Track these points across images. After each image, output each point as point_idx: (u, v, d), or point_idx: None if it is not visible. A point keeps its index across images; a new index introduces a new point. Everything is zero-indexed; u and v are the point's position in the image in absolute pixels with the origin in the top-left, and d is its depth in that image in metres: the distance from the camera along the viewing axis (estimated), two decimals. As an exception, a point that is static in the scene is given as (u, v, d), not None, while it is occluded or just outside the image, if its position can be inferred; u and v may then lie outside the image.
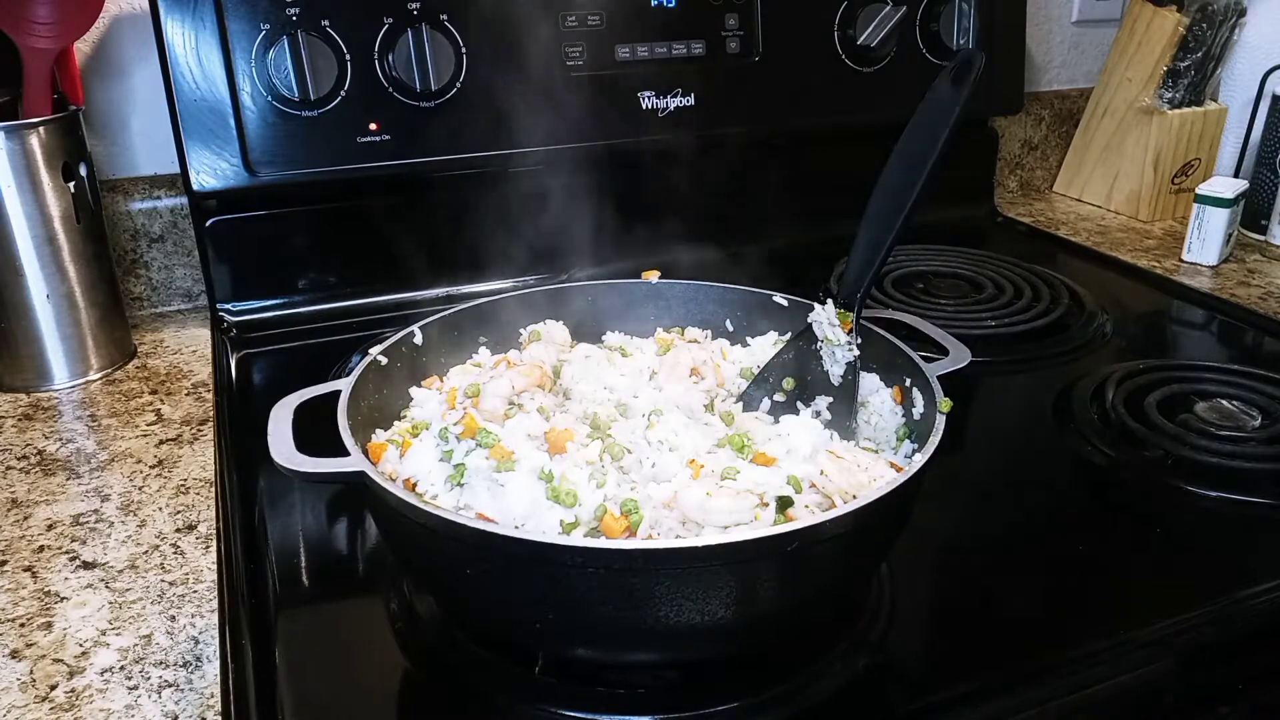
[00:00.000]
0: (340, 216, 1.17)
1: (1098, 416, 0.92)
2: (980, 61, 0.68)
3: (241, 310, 1.15)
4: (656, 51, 1.18)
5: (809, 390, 0.77)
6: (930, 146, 0.68)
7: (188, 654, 0.66)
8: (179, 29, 1.03)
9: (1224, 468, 0.83)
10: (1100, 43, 1.62)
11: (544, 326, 0.86)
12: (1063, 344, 1.09)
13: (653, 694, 0.62)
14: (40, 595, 0.71)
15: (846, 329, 0.75)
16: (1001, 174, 1.63)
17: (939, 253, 1.29)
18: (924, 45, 1.33)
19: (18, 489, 0.84)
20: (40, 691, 0.63)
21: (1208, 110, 1.48)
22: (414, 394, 0.77)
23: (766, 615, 0.59)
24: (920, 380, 0.72)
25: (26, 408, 0.98)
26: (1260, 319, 1.16)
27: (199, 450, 0.90)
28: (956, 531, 0.79)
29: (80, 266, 1.02)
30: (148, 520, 0.80)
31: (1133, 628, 0.67)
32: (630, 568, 0.54)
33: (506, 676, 0.63)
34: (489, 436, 0.65)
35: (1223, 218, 1.29)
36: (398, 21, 1.08)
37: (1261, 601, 0.69)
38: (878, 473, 0.64)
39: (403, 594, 0.70)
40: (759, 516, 0.60)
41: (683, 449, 0.67)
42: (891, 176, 0.71)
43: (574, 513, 0.60)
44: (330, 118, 1.08)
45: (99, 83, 1.16)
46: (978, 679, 0.63)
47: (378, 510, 0.64)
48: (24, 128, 0.97)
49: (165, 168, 1.19)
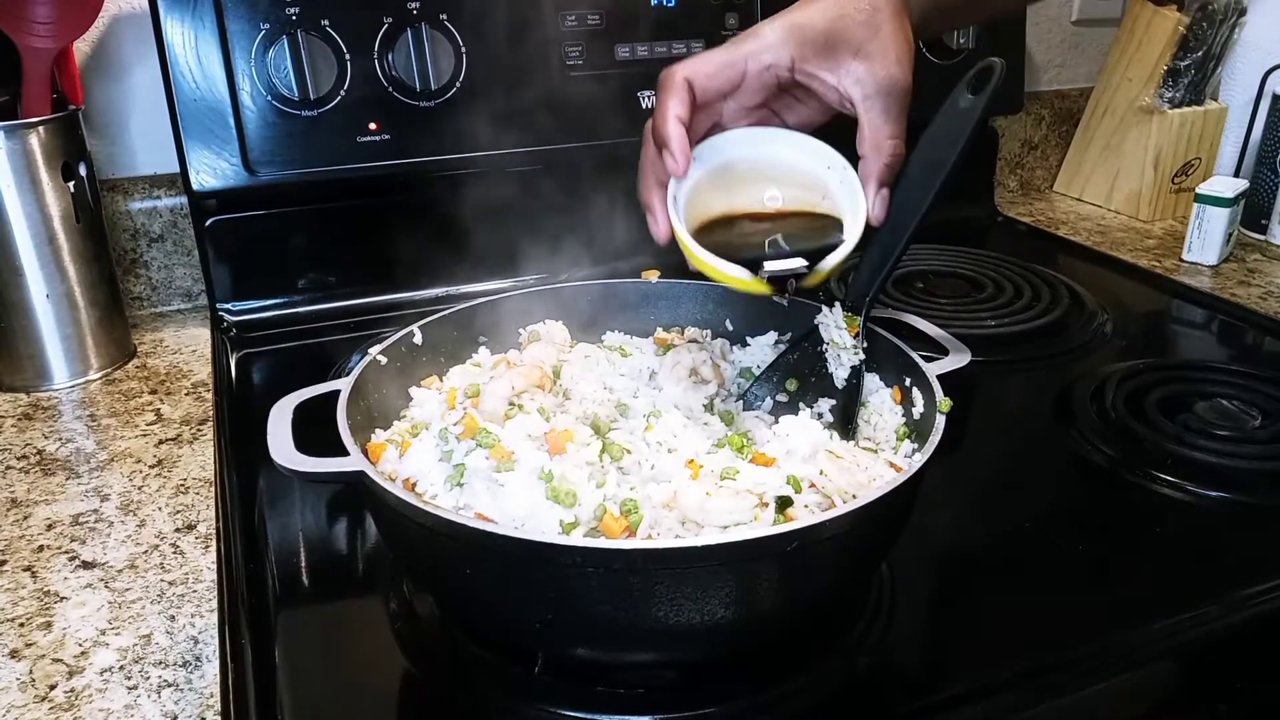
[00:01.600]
0: (340, 216, 1.17)
1: (1098, 416, 0.91)
2: (1001, 70, 0.69)
3: (241, 310, 1.15)
4: (656, 51, 1.18)
5: (812, 392, 0.77)
6: (948, 154, 0.68)
7: (187, 654, 0.66)
8: (179, 29, 1.03)
9: (1224, 468, 0.83)
10: (1100, 42, 1.62)
11: (544, 326, 0.86)
12: (1063, 344, 1.09)
13: (653, 694, 0.61)
14: (40, 595, 0.71)
15: (853, 333, 0.75)
16: (1001, 173, 1.63)
17: (939, 252, 1.29)
18: (924, 45, 1.32)
19: (17, 489, 0.84)
20: (40, 691, 0.63)
21: (1208, 110, 1.48)
22: (414, 394, 0.77)
23: (766, 615, 0.59)
24: (920, 380, 0.72)
25: (26, 407, 0.98)
26: (1260, 319, 1.16)
27: (199, 450, 0.90)
28: (956, 531, 0.79)
29: (80, 266, 1.02)
30: (147, 520, 0.80)
31: (1132, 628, 0.67)
32: (630, 568, 0.54)
33: (506, 676, 0.63)
34: (489, 436, 0.65)
35: (1223, 217, 1.29)
36: (398, 21, 1.08)
37: (1261, 601, 0.69)
38: (878, 473, 0.64)
39: (403, 594, 0.70)
40: (759, 516, 0.60)
41: (682, 449, 0.67)
42: (906, 183, 0.71)
43: (574, 513, 0.60)
44: (330, 117, 1.08)
45: (99, 82, 1.16)
46: (978, 679, 0.63)
47: (377, 510, 0.64)
48: (23, 127, 0.97)
49: (165, 167, 1.19)
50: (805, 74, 0.69)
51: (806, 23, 0.68)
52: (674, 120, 0.67)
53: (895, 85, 0.68)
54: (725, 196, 0.72)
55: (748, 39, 0.69)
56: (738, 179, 0.72)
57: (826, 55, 0.68)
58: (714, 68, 0.69)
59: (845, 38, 0.68)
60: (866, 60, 0.68)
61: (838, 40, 0.68)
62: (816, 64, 0.68)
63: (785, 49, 0.68)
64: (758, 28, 0.70)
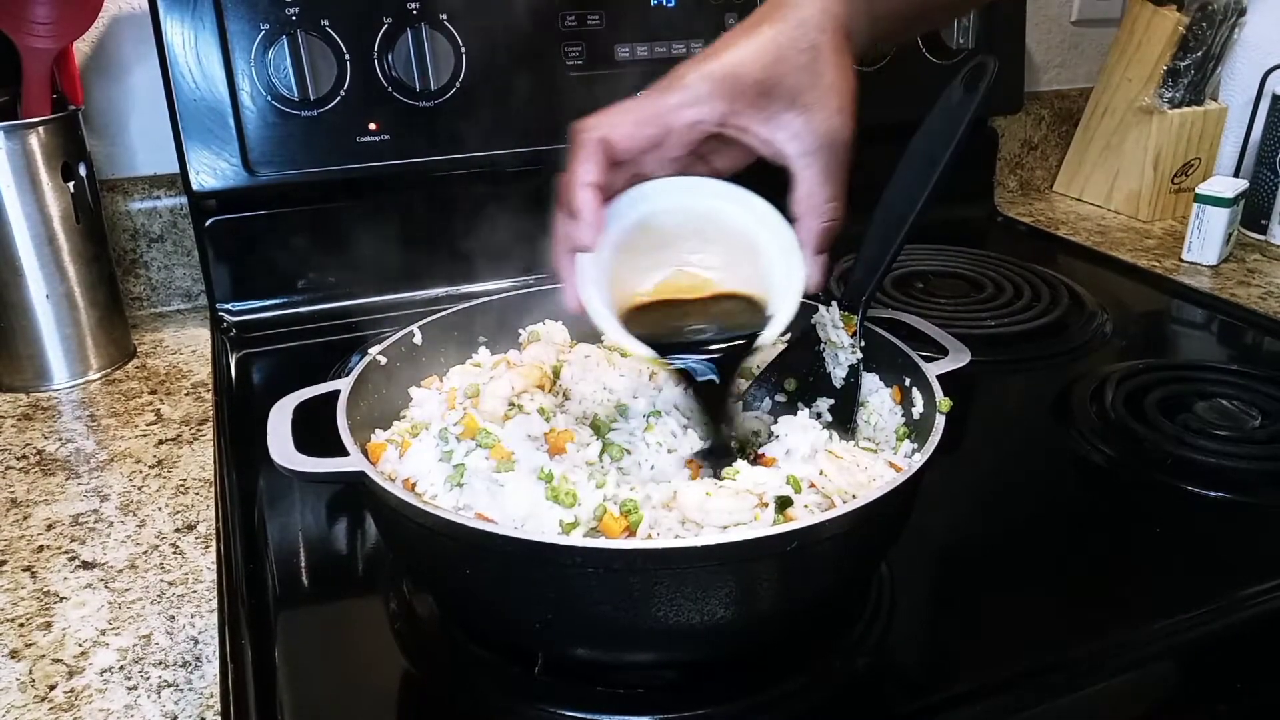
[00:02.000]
0: (340, 216, 1.17)
1: (1097, 416, 0.91)
2: (994, 67, 0.68)
3: (241, 310, 1.15)
4: (656, 51, 1.18)
5: (810, 391, 0.77)
6: (941, 151, 0.68)
7: (187, 654, 0.66)
8: (178, 29, 1.03)
9: (1224, 468, 0.83)
10: (1100, 42, 1.62)
11: (544, 326, 0.86)
12: (1063, 344, 1.09)
13: (653, 694, 0.61)
14: (39, 595, 0.71)
15: (850, 332, 0.75)
16: (1001, 174, 1.63)
17: (939, 252, 1.29)
18: (924, 45, 1.32)
19: (17, 489, 0.84)
20: (39, 691, 0.63)
21: (1208, 110, 1.48)
22: (414, 394, 0.77)
23: (766, 615, 0.59)
24: (920, 380, 0.72)
25: (26, 408, 0.98)
26: (1260, 319, 1.16)
27: (198, 450, 0.90)
28: (956, 531, 0.79)
29: (80, 266, 1.02)
30: (147, 520, 0.80)
31: (1132, 628, 0.67)
32: (630, 568, 0.54)
33: (506, 676, 0.63)
34: (489, 437, 0.65)
35: (1223, 217, 1.28)
36: (397, 21, 1.08)
37: (1261, 601, 0.69)
38: (877, 473, 0.64)
39: (403, 594, 0.70)
40: (758, 516, 0.60)
41: (682, 449, 0.67)
42: (900, 181, 0.71)
43: (573, 513, 0.60)
44: (330, 118, 1.08)
45: (98, 82, 1.16)
46: (978, 679, 0.63)
47: (377, 510, 0.64)
48: (23, 127, 0.97)
49: (165, 168, 1.19)
50: (736, 128, 0.62)
51: (739, 71, 0.60)
52: (584, 188, 0.60)
53: (835, 140, 0.62)
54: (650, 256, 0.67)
55: (672, 90, 0.61)
56: (661, 237, 0.67)
57: (760, 107, 0.61)
58: (632, 126, 0.61)
59: (782, 86, 0.60)
60: (805, 113, 0.61)
61: (773, 89, 0.60)
62: (749, 117, 0.61)
63: (714, 103, 0.61)
64: (683, 74, 0.61)
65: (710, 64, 0.61)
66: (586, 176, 0.60)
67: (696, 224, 0.67)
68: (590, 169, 0.60)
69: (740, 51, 0.61)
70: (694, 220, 0.67)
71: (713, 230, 0.67)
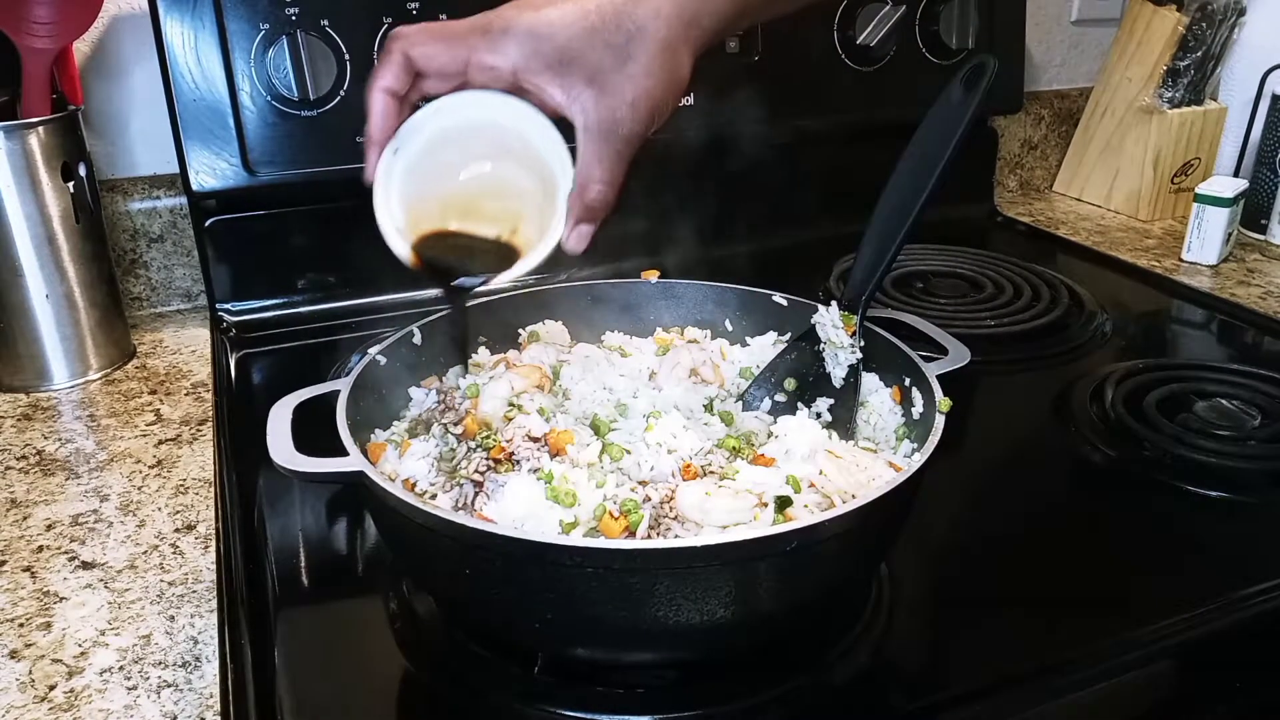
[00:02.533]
0: (340, 216, 1.16)
1: (1097, 416, 0.91)
2: (993, 67, 0.68)
3: (241, 310, 1.15)
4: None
5: (810, 391, 0.77)
6: (940, 151, 0.68)
7: (187, 654, 0.66)
8: (178, 29, 1.03)
9: (1224, 468, 0.83)
10: (1100, 42, 1.62)
11: (544, 326, 0.86)
12: (1062, 344, 1.09)
13: (653, 694, 0.61)
14: (39, 595, 0.71)
15: (850, 332, 0.75)
16: (1001, 173, 1.63)
17: (939, 252, 1.29)
18: (924, 45, 1.33)
19: (17, 489, 0.84)
20: (39, 692, 0.63)
21: (1207, 110, 1.48)
22: (414, 394, 0.77)
23: (766, 615, 0.59)
24: (920, 380, 0.72)
25: (26, 408, 0.98)
26: (1260, 319, 1.16)
27: (198, 450, 0.90)
28: (956, 531, 0.79)
29: (79, 266, 1.02)
30: (147, 520, 0.80)
31: (1132, 627, 0.67)
32: (630, 568, 0.54)
33: (506, 676, 0.63)
34: (489, 437, 0.65)
35: (1222, 217, 1.28)
36: (397, 21, 1.07)
37: (1261, 601, 0.69)
38: (877, 472, 0.64)
39: (402, 594, 0.70)
40: (758, 516, 0.60)
41: (682, 449, 0.67)
42: (900, 181, 0.71)
43: (573, 513, 0.60)
44: (330, 118, 1.08)
45: (98, 82, 1.16)
46: (978, 679, 0.63)
47: (377, 510, 0.64)
48: (23, 127, 0.96)
49: (165, 168, 1.19)
50: (530, 83, 0.62)
51: (549, 33, 0.60)
52: (378, 92, 0.63)
53: (617, 130, 0.61)
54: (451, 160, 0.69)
55: (480, 30, 0.62)
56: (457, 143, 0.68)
57: (557, 72, 0.61)
58: (436, 48, 0.63)
59: (584, 60, 0.60)
60: (598, 91, 0.60)
61: (575, 60, 0.60)
62: (545, 78, 0.61)
63: (513, 56, 0.61)
64: (503, 16, 0.62)
65: (528, 15, 0.61)
66: (382, 82, 0.64)
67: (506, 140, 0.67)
68: (387, 76, 0.63)
69: (560, 11, 0.61)
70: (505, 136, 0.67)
71: (519, 148, 0.67)
